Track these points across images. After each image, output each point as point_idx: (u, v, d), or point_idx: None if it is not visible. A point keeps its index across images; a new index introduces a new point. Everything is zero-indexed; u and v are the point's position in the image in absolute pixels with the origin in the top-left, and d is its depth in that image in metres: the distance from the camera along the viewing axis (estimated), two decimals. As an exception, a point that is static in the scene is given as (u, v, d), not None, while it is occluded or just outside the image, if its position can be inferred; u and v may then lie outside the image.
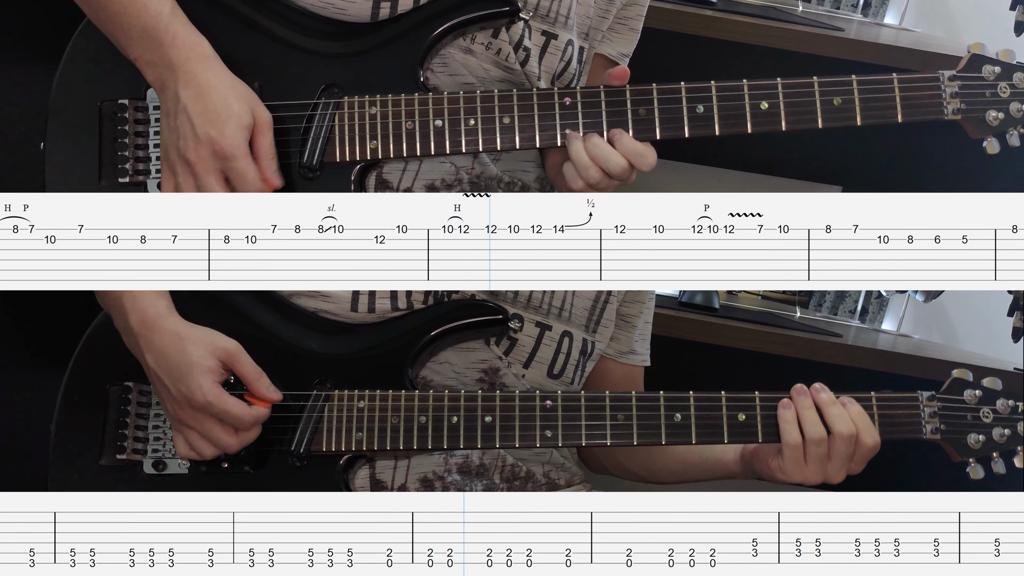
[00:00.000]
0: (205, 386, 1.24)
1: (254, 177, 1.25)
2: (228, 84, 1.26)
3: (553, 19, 1.40)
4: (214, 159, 1.24)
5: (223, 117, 1.23)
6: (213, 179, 1.25)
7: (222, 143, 1.23)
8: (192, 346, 1.26)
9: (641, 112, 1.29)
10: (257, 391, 1.28)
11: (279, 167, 1.27)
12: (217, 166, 1.24)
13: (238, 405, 1.26)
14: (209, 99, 1.24)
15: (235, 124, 1.24)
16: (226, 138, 1.23)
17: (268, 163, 1.26)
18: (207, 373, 1.25)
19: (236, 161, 1.24)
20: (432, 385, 1.38)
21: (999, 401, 1.31)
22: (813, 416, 1.29)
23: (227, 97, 1.24)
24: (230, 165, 1.24)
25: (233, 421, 1.26)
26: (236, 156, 1.24)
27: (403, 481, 1.37)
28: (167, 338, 1.27)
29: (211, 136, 1.23)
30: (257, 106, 1.26)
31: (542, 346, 1.42)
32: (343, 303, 1.36)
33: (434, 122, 1.29)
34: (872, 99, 1.28)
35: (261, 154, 1.26)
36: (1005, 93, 1.28)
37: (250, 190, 1.25)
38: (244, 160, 1.25)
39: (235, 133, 1.24)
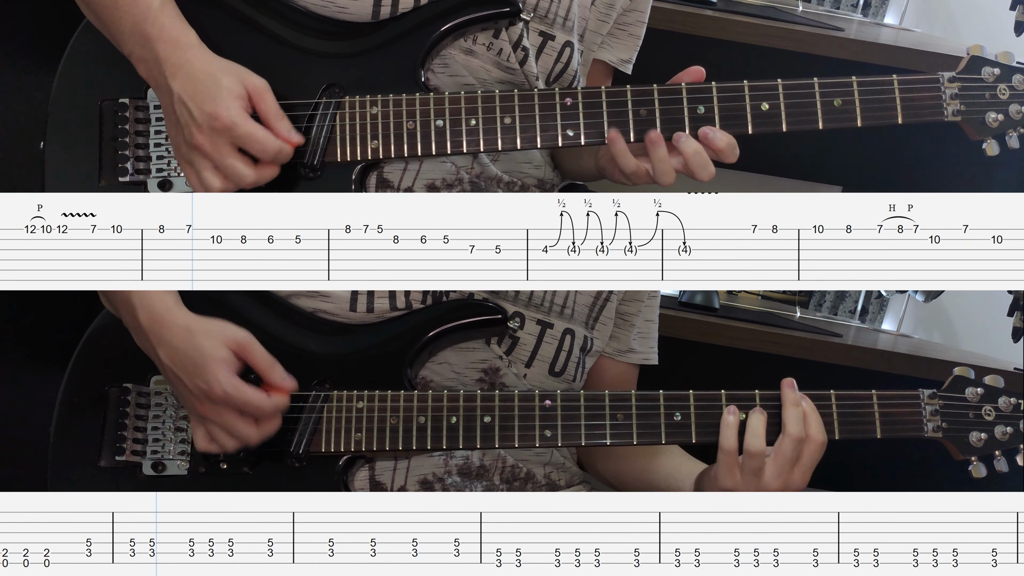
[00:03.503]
0: (223, 378, 1.23)
1: (265, 137, 1.24)
2: (215, 64, 1.25)
3: (551, 20, 1.40)
4: (218, 135, 1.23)
5: (213, 93, 1.23)
6: (227, 155, 1.23)
7: (219, 116, 1.22)
8: (204, 338, 1.24)
9: (642, 113, 1.29)
10: (272, 380, 1.26)
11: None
12: (225, 141, 1.23)
13: (258, 394, 1.24)
14: (198, 80, 1.23)
15: (226, 95, 1.23)
16: (221, 110, 1.22)
17: (279, 123, 1.25)
18: (222, 365, 1.23)
19: (239, 128, 1.23)
20: (432, 385, 1.37)
21: (1001, 399, 1.30)
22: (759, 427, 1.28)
23: (214, 73, 1.24)
24: (236, 134, 1.23)
25: (254, 411, 1.25)
26: (237, 123, 1.23)
27: (403, 482, 1.37)
28: (177, 332, 1.26)
29: (207, 113, 1.23)
30: (246, 75, 1.25)
31: (544, 344, 1.42)
32: (341, 303, 1.36)
33: (435, 122, 1.29)
34: (872, 100, 1.28)
35: (269, 117, 1.25)
36: (1004, 95, 1.28)
37: (269, 153, 1.24)
38: (247, 125, 1.23)
39: (229, 103, 1.23)
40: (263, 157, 1.24)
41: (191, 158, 1.26)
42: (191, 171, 1.27)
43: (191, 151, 1.25)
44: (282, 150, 1.25)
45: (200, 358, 1.24)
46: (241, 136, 1.23)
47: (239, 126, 1.23)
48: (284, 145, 1.25)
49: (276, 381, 1.26)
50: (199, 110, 1.23)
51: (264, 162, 1.25)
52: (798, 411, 1.27)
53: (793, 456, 1.27)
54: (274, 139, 1.24)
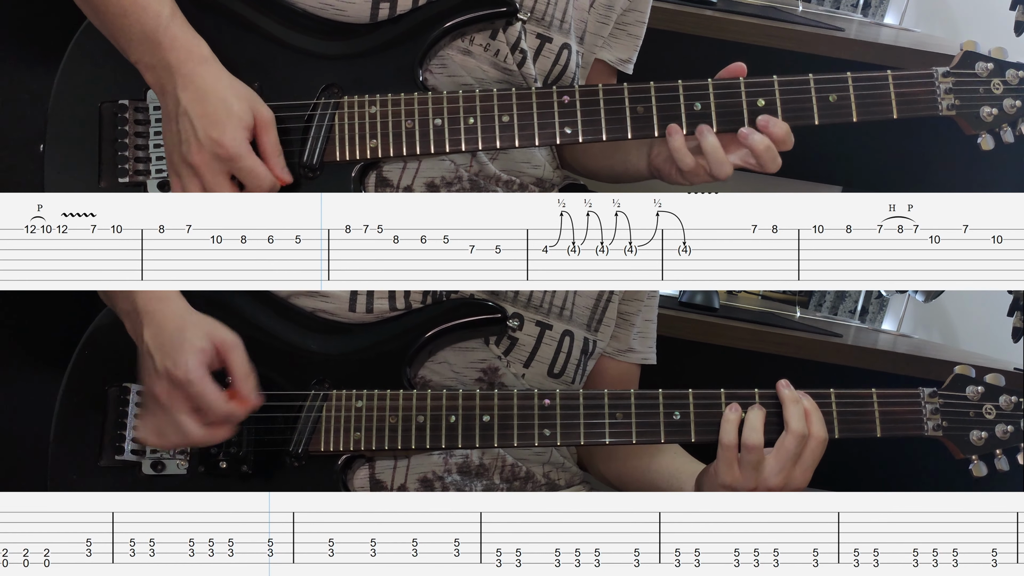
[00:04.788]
0: (191, 363, 1.21)
1: (263, 173, 1.26)
2: (227, 85, 1.26)
3: (548, 22, 1.40)
4: (218, 161, 1.24)
5: (223, 119, 1.23)
6: (220, 181, 1.25)
7: (225, 145, 1.23)
8: (192, 327, 1.24)
9: (639, 110, 1.29)
10: (240, 389, 1.24)
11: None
12: (222, 168, 1.25)
13: (215, 393, 1.22)
14: (208, 101, 1.24)
15: (235, 124, 1.24)
16: (227, 140, 1.23)
17: (276, 160, 1.27)
18: (197, 353, 1.22)
19: (241, 161, 1.24)
20: (431, 385, 1.37)
21: (1002, 397, 1.30)
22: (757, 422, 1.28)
23: (226, 98, 1.25)
24: (237, 166, 1.24)
25: (205, 408, 1.22)
26: (240, 156, 1.24)
27: (403, 481, 1.37)
28: (170, 316, 1.25)
29: (213, 138, 1.23)
30: (257, 104, 1.27)
31: (543, 345, 1.42)
32: (341, 303, 1.36)
33: (434, 121, 1.30)
34: (867, 95, 1.28)
35: (268, 152, 1.26)
36: (998, 89, 1.29)
37: (262, 187, 1.26)
38: (249, 159, 1.25)
39: (236, 134, 1.24)
40: (255, 191, 1.26)
41: (181, 172, 1.26)
42: (177, 180, 1.28)
43: (183, 166, 1.26)
44: (273, 186, 1.27)
45: (179, 340, 1.22)
46: (242, 169, 1.25)
47: (243, 159, 1.24)
48: (276, 182, 1.27)
49: (243, 390, 1.24)
50: (204, 132, 1.23)
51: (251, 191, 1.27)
52: (799, 407, 1.28)
53: (796, 452, 1.27)
54: (270, 176, 1.26)
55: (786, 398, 1.28)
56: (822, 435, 1.27)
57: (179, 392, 1.22)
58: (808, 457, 1.27)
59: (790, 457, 1.27)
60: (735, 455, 1.28)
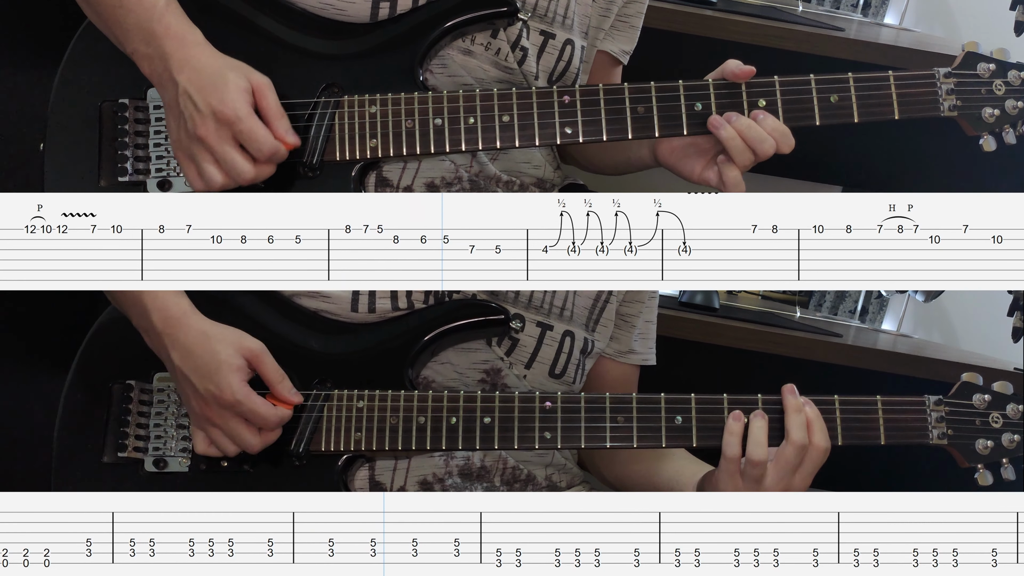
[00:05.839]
0: (235, 384, 1.25)
1: (264, 135, 1.25)
2: (220, 59, 1.27)
3: (551, 19, 1.40)
4: (222, 127, 1.24)
5: (220, 85, 1.24)
6: (228, 148, 1.24)
7: (224, 109, 1.23)
8: (220, 344, 1.26)
9: (640, 110, 1.29)
10: (280, 393, 1.29)
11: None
12: (227, 134, 1.24)
13: (265, 405, 1.27)
14: (205, 74, 1.25)
15: (233, 88, 1.24)
16: (227, 103, 1.23)
17: (279, 122, 1.26)
18: (236, 372, 1.26)
19: (242, 123, 1.24)
20: (434, 385, 1.37)
21: (1009, 406, 1.28)
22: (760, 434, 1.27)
23: (220, 68, 1.25)
24: (238, 128, 1.24)
25: (259, 421, 1.27)
26: (240, 118, 1.24)
27: (403, 483, 1.36)
28: (194, 336, 1.27)
29: (212, 105, 1.23)
30: (251, 72, 1.27)
31: (544, 346, 1.42)
32: (343, 303, 1.36)
33: (434, 121, 1.30)
34: (869, 96, 1.28)
35: (270, 115, 1.26)
36: (1000, 90, 1.28)
37: (265, 152, 1.25)
38: (250, 120, 1.24)
39: (235, 97, 1.24)
40: (259, 156, 1.25)
41: (192, 150, 1.26)
42: (190, 165, 1.27)
43: (193, 143, 1.25)
44: (278, 151, 1.26)
45: (215, 363, 1.26)
46: (243, 131, 1.24)
47: (243, 120, 1.24)
48: (280, 146, 1.26)
49: (283, 395, 1.29)
50: (204, 102, 1.24)
51: (260, 161, 1.26)
52: (801, 417, 1.27)
53: (795, 462, 1.26)
54: (272, 139, 1.25)
55: (789, 406, 1.27)
56: (823, 445, 1.27)
57: (228, 412, 1.26)
58: (808, 466, 1.27)
59: (790, 467, 1.26)
60: (738, 468, 1.27)
